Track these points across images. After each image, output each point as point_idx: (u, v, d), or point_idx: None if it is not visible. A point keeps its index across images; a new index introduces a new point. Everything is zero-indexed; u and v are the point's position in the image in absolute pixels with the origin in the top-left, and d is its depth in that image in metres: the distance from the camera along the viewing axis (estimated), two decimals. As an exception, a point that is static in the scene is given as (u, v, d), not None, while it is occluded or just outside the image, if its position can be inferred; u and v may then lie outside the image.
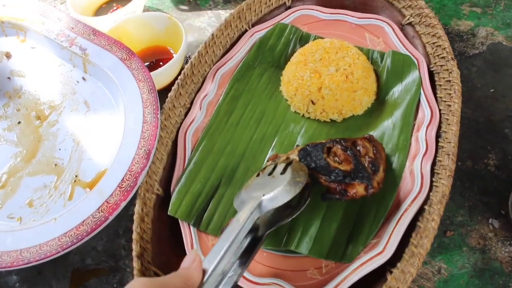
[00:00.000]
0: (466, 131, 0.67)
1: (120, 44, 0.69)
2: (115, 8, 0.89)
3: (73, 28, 0.72)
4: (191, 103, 0.67)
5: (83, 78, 0.70)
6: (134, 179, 0.56)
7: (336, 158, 0.54)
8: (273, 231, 0.55)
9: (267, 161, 0.59)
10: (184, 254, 0.55)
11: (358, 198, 0.52)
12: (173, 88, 0.65)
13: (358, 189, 0.52)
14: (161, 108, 0.63)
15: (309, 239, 0.54)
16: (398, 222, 0.52)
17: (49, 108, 0.69)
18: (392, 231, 0.51)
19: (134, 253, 0.52)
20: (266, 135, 0.65)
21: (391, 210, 0.54)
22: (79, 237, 0.54)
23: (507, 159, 0.64)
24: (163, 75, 0.73)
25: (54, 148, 0.65)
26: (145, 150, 0.58)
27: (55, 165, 0.63)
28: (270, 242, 0.55)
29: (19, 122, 0.68)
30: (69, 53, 0.71)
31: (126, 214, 0.64)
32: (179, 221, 0.57)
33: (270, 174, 0.53)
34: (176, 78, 0.68)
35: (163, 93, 0.67)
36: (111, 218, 0.55)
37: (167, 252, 0.57)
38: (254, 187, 0.52)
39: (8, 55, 0.74)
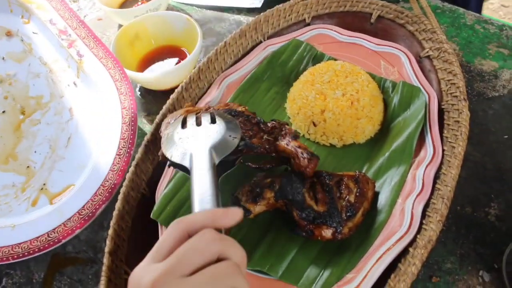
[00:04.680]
0: (471, 175, 0.64)
1: (116, 62, 0.69)
2: (139, 3, 0.90)
3: (76, 29, 0.71)
4: (193, 108, 0.67)
5: (74, 83, 0.69)
6: (94, 210, 0.59)
7: (316, 194, 0.53)
8: (248, 249, 0.54)
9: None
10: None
11: (324, 241, 0.52)
12: (176, 90, 0.65)
13: (325, 233, 0.52)
14: (161, 108, 0.63)
15: (284, 263, 0.53)
16: (378, 260, 0.50)
17: (36, 104, 0.68)
18: (371, 268, 0.49)
19: (106, 249, 0.52)
20: (261, 150, 0.64)
21: (374, 246, 0.52)
22: (31, 251, 0.57)
23: (509, 210, 0.61)
24: (173, 75, 0.73)
25: (30, 149, 0.65)
26: (110, 183, 0.60)
27: (28, 167, 0.63)
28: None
29: (3, 112, 0.67)
30: (66, 53, 0.70)
31: (112, 208, 0.64)
32: (159, 225, 0.57)
33: (197, 124, 0.53)
34: (184, 81, 0.68)
35: (169, 94, 0.66)
36: (64, 241, 0.58)
37: (142, 253, 0.56)
38: (188, 137, 0.51)
39: (9, 34, 0.72)
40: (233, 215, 0.38)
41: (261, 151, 0.54)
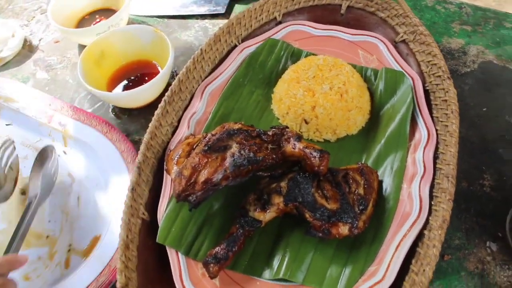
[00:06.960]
0: (460, 151, 0.65)
1: (99, 119, 0.70)
2: (98, 20, 0.86)
3: (50, 105, 0.73)
4: (179, 121, 0.64)
5: (64, 152, 0.71)
6: None
7: (325, 192, 0.52)
8: (264, 259, 0.53)
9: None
10: (172, 282, 0.52)
11: (341, 238, 0.51)
12: (160, 105, 0.62)
13: (342, 230, 0.51)
14: (139, 127, 0.60)
15: (304, 267, 0.51)
16: (397, 248, 0.50)
17: None
18: (391, 257, 0.49)
19: (118, 285, 0.48)
20: (257, 156, 0.62)
21: (389, 235, 0.52)
22: None
23: (502, 180, 0.63)
24: (149, 91, 0.69)
25: (43, 220, 0.64)
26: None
27: (47, 236, 0.62)
28: (259, 270, 0.53)
29: None
30: (47, 129, 0.72)
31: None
32: (167, 248, 0.54)
33: None
34: (162, 94, 0.65)
35: (148, 110, 0.63)
36: (115, 280, 0.54)
37: (154, 281, 0.53)
38: None
39: None
40: (23, 260, 0.51)
41: (269, 163, 0.53)
